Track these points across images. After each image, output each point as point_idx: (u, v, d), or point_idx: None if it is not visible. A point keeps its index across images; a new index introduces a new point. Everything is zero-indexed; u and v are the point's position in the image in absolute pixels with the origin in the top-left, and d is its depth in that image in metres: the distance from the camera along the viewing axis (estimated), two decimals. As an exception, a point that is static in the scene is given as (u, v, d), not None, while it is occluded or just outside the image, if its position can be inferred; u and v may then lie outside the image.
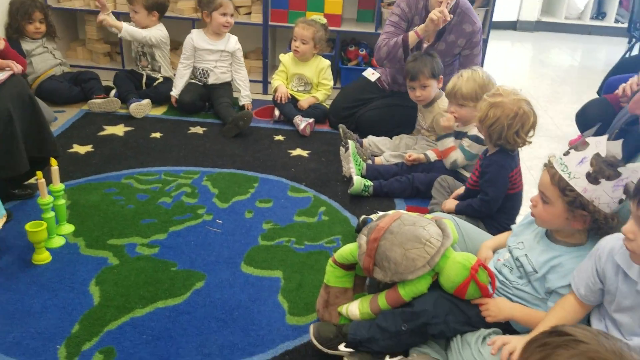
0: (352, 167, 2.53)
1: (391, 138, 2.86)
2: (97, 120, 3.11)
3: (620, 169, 1.36)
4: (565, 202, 1.40)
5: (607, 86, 2.70)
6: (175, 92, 3.30)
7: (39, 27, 3.22)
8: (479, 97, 2.09)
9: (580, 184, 1.38)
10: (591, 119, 2.48)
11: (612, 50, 5.29)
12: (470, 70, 2.31)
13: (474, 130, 2.36)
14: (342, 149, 2.64)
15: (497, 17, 3.69)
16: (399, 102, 3.04)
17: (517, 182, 2.01)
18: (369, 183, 2.46)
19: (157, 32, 3.34)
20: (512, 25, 6.15)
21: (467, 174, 2.37)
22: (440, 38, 2.90)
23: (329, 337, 1.57)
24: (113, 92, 3.30)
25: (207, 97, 3.35)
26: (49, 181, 2.03)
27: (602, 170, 1.36)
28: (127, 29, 3.26)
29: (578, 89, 3.56)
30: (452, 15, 2.73)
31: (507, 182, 1.97)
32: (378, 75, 3.18)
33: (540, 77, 3.81)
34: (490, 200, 1.99)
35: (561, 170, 1.40)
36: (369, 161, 2.66)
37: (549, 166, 1.45)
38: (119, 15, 3.46)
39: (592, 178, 1.37)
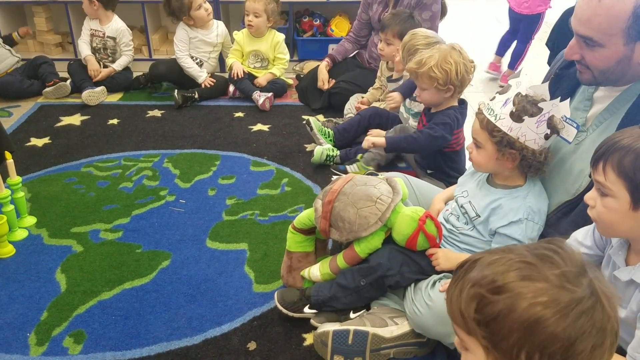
0: (322, 140, 2.58)
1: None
2: (53, 112, 3.07)
3: (540, 105, 1.43)
4: (494, 143, 1.48)
5: None
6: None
7: None
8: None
9: (505, 124, 1.45)
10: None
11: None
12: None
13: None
14: (307, 127, 2.65)
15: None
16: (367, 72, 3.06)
17: (459, 140, 2.09)
18: (335, 153, 2.49)
19: (126, 51, 3.38)
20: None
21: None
22: (397, 3, 2.91)
23: (293, 301, 1.62)
24: (69, 81, 3.26)
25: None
26: (5, 175, 2.03)
27: (524, 108, 1.43)
28: (119, 65, 3.35)
29: (535, 43, 3.64)
30: None
31: (453, 130, 2.04)
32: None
33: (498, 34, 3.88)
34: (438, 137, 2.03)
35: (488, 114, 1.48)
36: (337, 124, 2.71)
37: (478, 113, 1.53)
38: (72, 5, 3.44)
39: (516, 116, 1.44)
